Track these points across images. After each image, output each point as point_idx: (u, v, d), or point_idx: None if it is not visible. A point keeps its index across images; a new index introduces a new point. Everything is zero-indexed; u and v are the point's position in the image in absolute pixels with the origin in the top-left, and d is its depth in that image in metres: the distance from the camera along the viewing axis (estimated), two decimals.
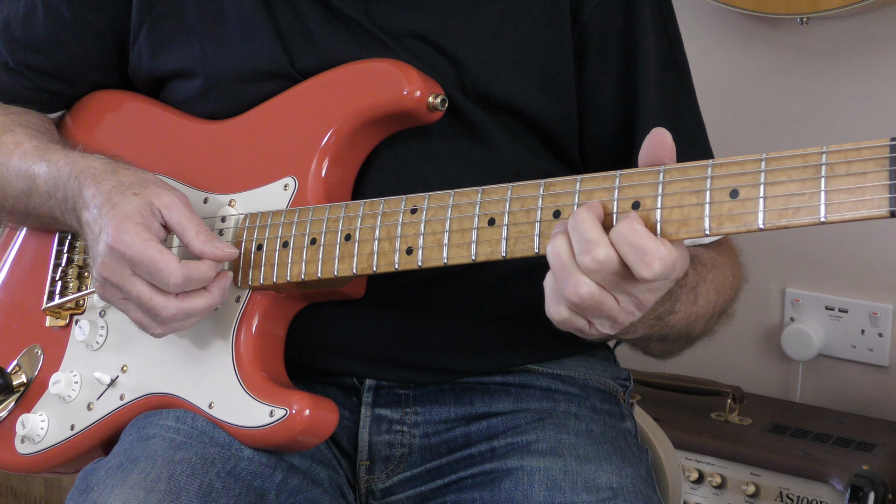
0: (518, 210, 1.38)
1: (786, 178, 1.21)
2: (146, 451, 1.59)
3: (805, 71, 2.73)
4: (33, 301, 1.86)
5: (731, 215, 1.24)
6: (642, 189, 1.30)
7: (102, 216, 1.58)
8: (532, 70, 1.65)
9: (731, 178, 1.24)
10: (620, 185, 1.31)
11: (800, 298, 2.78)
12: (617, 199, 1.31)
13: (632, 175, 1.31)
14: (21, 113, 1.85)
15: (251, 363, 1.61)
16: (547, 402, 1.74)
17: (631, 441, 1.75)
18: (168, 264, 1.53)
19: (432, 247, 1.45)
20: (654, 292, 1.33)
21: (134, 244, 1.54)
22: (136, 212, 1.57)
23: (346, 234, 1.53)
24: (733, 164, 1.24)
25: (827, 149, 1.19)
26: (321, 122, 1.64)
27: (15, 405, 1.82)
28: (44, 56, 1.85)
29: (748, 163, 1.23)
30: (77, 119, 1.91)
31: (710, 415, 2.62)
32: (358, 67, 1.64)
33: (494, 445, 1.69)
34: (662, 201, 1.28)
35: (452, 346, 1.71)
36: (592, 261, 1.28)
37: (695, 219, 1.26)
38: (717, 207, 1.24)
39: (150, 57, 1.78)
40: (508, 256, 1.39)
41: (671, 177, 1.28)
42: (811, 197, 1.19)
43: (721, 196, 1.24)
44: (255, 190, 1.66)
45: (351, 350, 1.70)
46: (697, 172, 1.26)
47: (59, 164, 1.69)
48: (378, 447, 1.73)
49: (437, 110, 1.59)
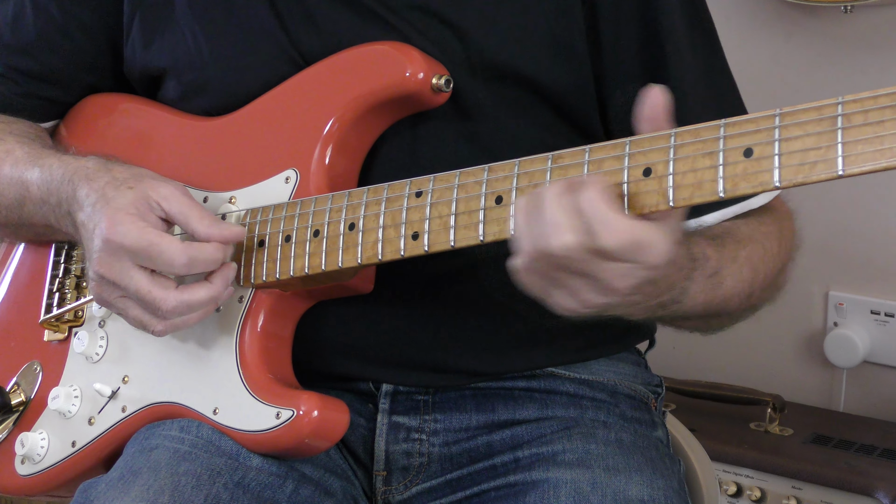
0: (526, 185, 1.40)
1: (801, 132, 1.22)
2: (149, 463, 1.60)
3: (849, 62, 2.74)
4: (31, 316, 1.88)
5: (745, 175, 1.25)
6: (654, 155, 1.31)
7: (96, 212, 1.60)
8: (540, 36, 1.66)
9: (745, 136, 1.25)
10: (631, 151, 1.32)
11: (844, 302, 2.78)
12: (627, 166, 1.32)
13: (642, 141, 1.32)
14: (11, 122, 1.88)
15: (256, 365, 1.63)
16: (574, 409, 1.74)
17: (663, 451, 1.74)
18: (171, 244, 1.55)
19: (439, 230, 1.47)
20: (629, 278, 1.32)
21: (130, 233, 1.55)
22: (131, 204, 1.58)
23: (350, 223, 1.55)
24: (747, 122, 1.25)
25: (843, 99, 1.20)
26: (322, 111, 1.66)
27: (14, 425, 1.84)
28: (34, 59, 1.89)
29: (762, 119, 1.24)
30: (71, 126, 1.95)
31: (748, 425, 2.63)
32: (357, 52, 1.66)
33: (518, 456, 1.69)
34: (675, 166, 1.29)
35: (470, 346, 1.72)
36: (558, 245, 1.29)
37: (709, 181, 1.27)
38: (731, 168, 1.25)
39: (142, 48, 1.80)
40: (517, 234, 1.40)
41: (683, 139, 1.29)
42: (828, 150, 1.20)
43: (735, 156, 1.25)
44: (256, 185, 1.68)
45: (365, 352, 1.71)
46: (710, 133, 1.27)
47: (52, 168, 1.71)
48: (395, 456, 1.74)
49: (441, 91, 1.61)
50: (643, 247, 1.29)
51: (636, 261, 1.30)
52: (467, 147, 1.67)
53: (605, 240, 1.28)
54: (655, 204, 1.30)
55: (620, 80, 1.68)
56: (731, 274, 1.54)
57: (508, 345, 1.73)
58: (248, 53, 1.73)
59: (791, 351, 2.87)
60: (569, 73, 1.67)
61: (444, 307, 1.70)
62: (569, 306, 1.38)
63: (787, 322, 2.81)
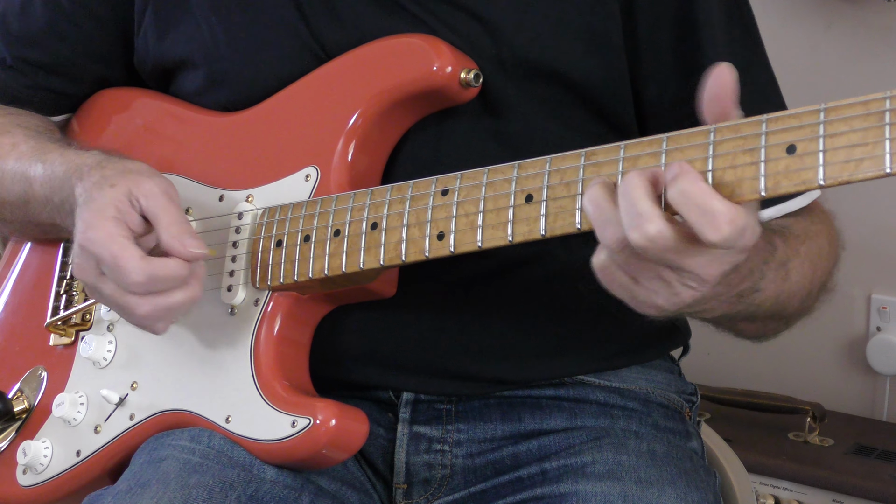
0: (557, 184, 1.41)
1: (846, 128, 1.23)
2: (158, 475, 1.60)
3: (892, 53, 2.73)
4: (36, 319, 1.90)
5: (787, 173, 1.25)
6: (692, 151, 1.32)
7: (80, 214, 1.61)
8: (575, 29, 1.67)
9: (788, 132, 1.26)
10: (668, 148, 1.33)
11: (887, 306, 2.78)
12: (665, 164, 1.33)
13: (679, 137, 1.33)
14: (20, 114, 1.90)
15: (271, 371, 1.63)
16: (604, 418, 1.75)
17: (697, 462, 1.75)
18: (129, 260, 1.55)
19: (465, 230, 1.48)
20: (718, 264, 1.31)
21: (97, 240, 1.56)
22: (110, 204, 1.58)
23: (373, 222, 1.56)
24: (789, 118, 1.26)
25: (891, 93, 1.21)
26: (344, 106, 1.67)
27: (16, 433, 1.85)
28: (42, 49, 1.91)
29: (805, 114, 1.25)
30: (83, 121, 1.97)
31: (787, 435, 2.63)
32: (382, 44, 1.67)
33: (546, 468, 1.70)
34: (714, 163, 1.30)
35: (496, 353, 1.73)
36: (642, 237, 1.28)
37: (749, 179, 1.27)
38: (772, 165, 1.26)
39: (156, 41, 1.82)
40: (548, 235, 1.41)
41: (723, 135, 1.30)
42: (875, 146, 1.21)
43: (777, 153, 1.26)
44: (274, 183, 1.70)
45: (385, 358, 1.72)
46: (751, 129, 1.28)
47: (54, 165, 1.73)
48: (416, 468, 1.75)
49: (470, 86, 1.62)
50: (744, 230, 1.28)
51: (734, 245, 1.29)
52: (496, 146, 1.68)
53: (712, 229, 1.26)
54: None
55: (656, 74, 1.69)
56: (796, 267, 1.55)
57: (536, 351, 1.74)
58: (266, 46, 1.74)
59: (832, 357, 2.87)
60: (604, 68, 1.68)
61: (468, 311, 1.71)
62: (657, 303, 1.37)
63: (828, 326, 2.81)
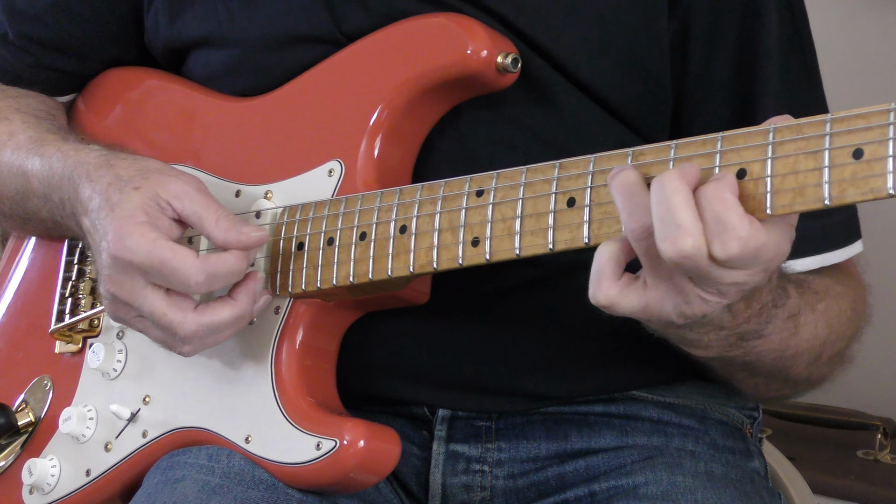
0: (602, 186, 1.40)
1: None
2: (174, 497, 1.61)
3: None
4: (41, 324, 1.91)
5: (854, 180, 1.24)
6: (748, 153, 1.31)
7: (101, 220, 1.61)
8: (615, 51, 1.67)
9: (854, 134, 1.25)
10: (722, 149, 1.32)
11: None
12: (719, 165, 1.32)
13: (736, 137, 1.32)
14: (21, 96, 1.92)
15: (294, 387, 1.64)
16: (657, 436, 1.75)
17: (760, 484, 1.75)
18: (184, 261, 1.55)
19: (502, 236, 1.48)
20: (738, 285, 1.31)
21: (139, 248, 1.56)
22: (139, 209, 1.58)
23: (401, 225, 1.56)
24: (857, 118, 1.25)
25: None
26: (371, 94, 1.67)
27: (21, 449, 1.87)
28: (48, 27, 1.93)
29: (874, 115, 1.24)
30: (89, 102, 1.98)
31: (855, 452, 2.64)
32: (411, 25, 1.67)
33: (595, 489, 1.70)
34: (773, 167, 1.29)
35: (539, 366, 1.73)
36: (677, 252, 1.27)
37: (812, 186, 1.26)
38: (837, 171, 1.25)
39: (167, 21, 1.83)
40: (592, 242, 1.40)
41: (783, 136, 1.29)
42: None
43: (842, 157, 1.25)
44: (295, 178, 1.70)
45: (419, 372, 1.73)
46: (814, 130, 1.27)
47: (51, 161, 1.74)
48: (453, 490, 1.76)
49: (508, 72, 1.61)
50: (759, 251, 1.28)
51: (744, 266, 1.29)
52: (536, 140, 1.67)
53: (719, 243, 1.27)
54: (751, 211, 1.29)
55: (705, 101, 1.69)
56: (808, 324, 1.55)
57: (582, 364, 1.74)
58: (285, 29, 1.74)
59: None
60: (643, 96, 1.68)
61: (508, 322, 1.71)
62: (665, 310, 1.37)
63: None
